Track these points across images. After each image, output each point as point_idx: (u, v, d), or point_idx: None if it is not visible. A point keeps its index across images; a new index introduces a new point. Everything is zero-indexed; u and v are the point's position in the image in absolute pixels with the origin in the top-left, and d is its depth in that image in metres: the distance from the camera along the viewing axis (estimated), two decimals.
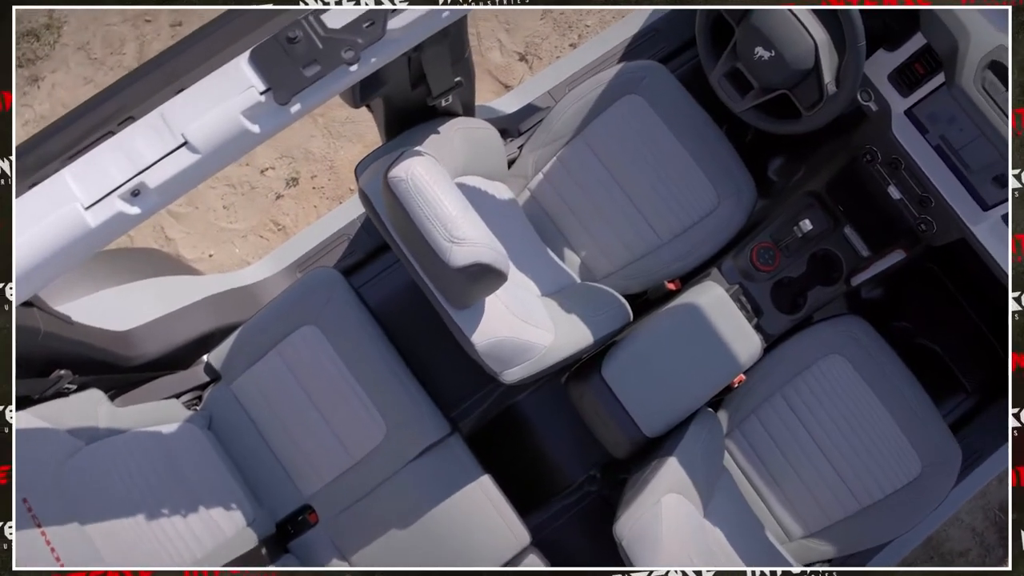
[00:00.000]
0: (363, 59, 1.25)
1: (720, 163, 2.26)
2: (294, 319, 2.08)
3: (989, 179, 1.94)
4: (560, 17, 3.17)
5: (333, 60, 1.22)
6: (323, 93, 1.26)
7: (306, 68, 1.22)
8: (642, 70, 2.28)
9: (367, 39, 1.24)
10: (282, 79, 1.22)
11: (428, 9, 1.28)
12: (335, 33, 1.23)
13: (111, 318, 1.96)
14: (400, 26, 1.27)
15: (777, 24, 1.88)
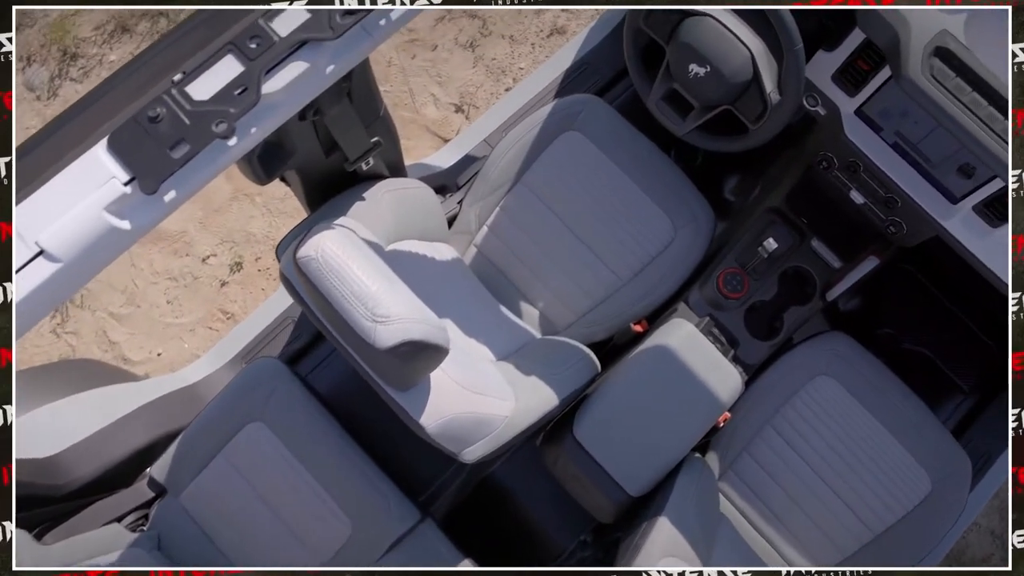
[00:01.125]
0: (240, 131, 1.08)
1: (672, 191, 2.10)
2: (237, 418, 1.89)
3: (953, 170, 1.79)
4: (492, 63, 3.03)
5: (203, 136, 1.05)
6: (200, 175, 1.09)
7: (173, 149, 1.05)
8: (576, 104, 2.13)
9: (241, 107, 1.07)
10: (147, 165, 1.04)
11: (307, 66, 1.11)
12: (202, 105, 1.06)
13: (38, 442, 1.76)
14: (278, 88, 1.10)
15: (708, 38, 1.73)
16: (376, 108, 1.66)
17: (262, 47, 1.08)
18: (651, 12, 1.80)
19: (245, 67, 1.08)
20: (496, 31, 3.07)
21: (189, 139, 1.05)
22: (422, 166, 2.30)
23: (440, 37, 3.06)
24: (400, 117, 2.98)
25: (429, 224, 1.93)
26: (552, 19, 3.08)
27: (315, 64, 1.12)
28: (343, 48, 1.15)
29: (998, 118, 1.63)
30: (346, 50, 1.15)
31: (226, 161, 1.11)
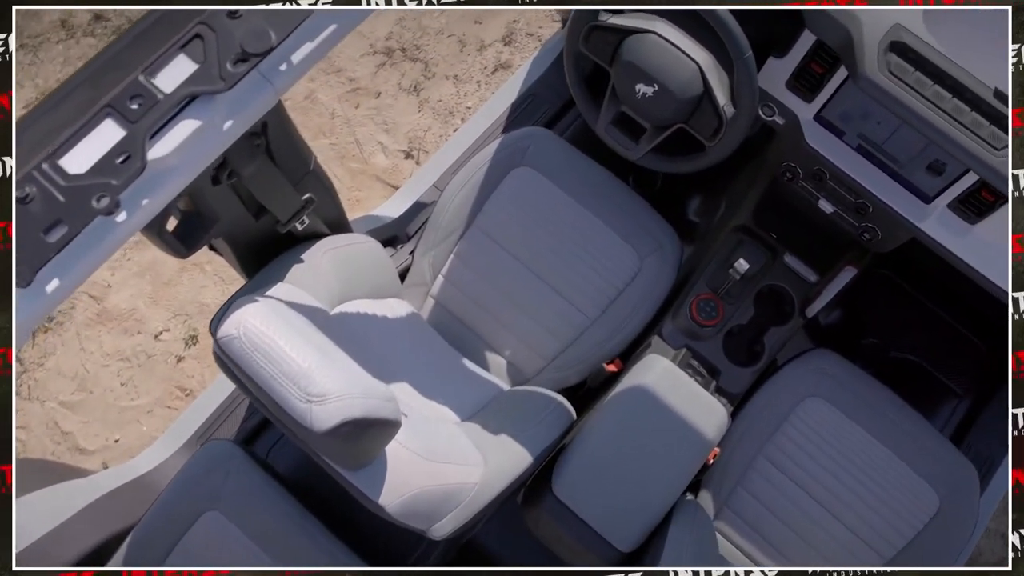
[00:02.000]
0: (128, 204, 0.94)
1: (633, 219, 1.97)
2: (191, 509, 1.71)
3: (922, 169, 1.67)
4: (439, 105, 2.91)
5: (83, 215, 0.91)
6: (86, 259, 0.94)
7: (48, 232, 0.90)
8: (524, 139, 2.00)
9: (124, 178, 0.92)
10: (18, 253, 0.89)
11: (199, 124, 0.97)
12: (79, 179, 0.92)
13: None
14: (168, 152, 0.96)
15: (652, 55, 1.61)
16: (304, 162, 1.52)
17: (144, 107, 0.94)
18: (590, 34, 1.68)
19: (127, 131, 0.94)
20: (439, 72, 2.95)
21: (66, 219, 0.90)
22: (370, 218, 2.16)
23: (383, 84, 2.94)
24: (349, 169, 2.85)
25: (378, 280, 1.79)
26: (496, 55, 2.97)
27: (209, 121, 0.98)
28: (240, 100, 1.01)
29: (964, 110, 1.51)
30: (244, 102, 1.01)
31: (116, 240, 0.96)
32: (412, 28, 3.00)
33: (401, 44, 2.98)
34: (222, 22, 0.97)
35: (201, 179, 1.16)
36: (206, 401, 2.08)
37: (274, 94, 1.04)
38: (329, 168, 2.82)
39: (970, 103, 1.51)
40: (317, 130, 2.88)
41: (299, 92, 2.90)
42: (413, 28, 3.00)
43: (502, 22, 3.02)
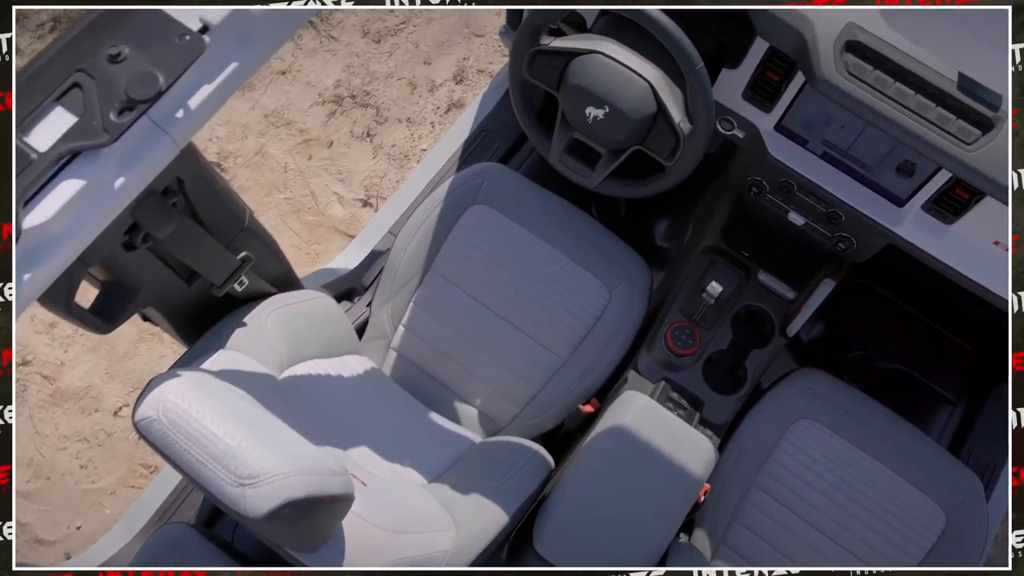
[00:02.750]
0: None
1: (598, 250, 1.85)
2: None
3: (892, 171, 1.57)
4: (393, 150, 2.81)
5: None
6: None
7: None
8: (476, 176, 1.89)
9: None
10: None
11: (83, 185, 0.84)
12: None
13: None
14: (48, 218, 0.83)
15: (600, 76, 1.51)
16: (237, 219, 1.40)
17: (17, 168, 0.82)
18: (533, 59, 1.58)
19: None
20: (391, 116, 2.85)
21: None
22: (324, 272, 2.03)
23: (334, 132, 2.83)
24: (306, 222, 2.72)
25: (332, 337, 1.66)
26: (448, 95, 2.88)
27: (95, 180, 0.86)
28: (131, 154, 0.89)
29: (929, 106, 1.42)
30: (136, 156, 0.89)
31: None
32: (360, 74, 2.91)
33: (350, 91, 2.88)
34: (102, 67, 0.85)
35: (107, 245, 1.04)
36: (164, 480, 1.93)
37: (172, 145, 0.92)
38: (285, 223, 2.70)
39: (934, 98, 1.42)
40: (271, 185, 2.76)
41: (249, 148, 2.79)
42: (361, 74, 2.91)
43: (452, 61, 2.93)
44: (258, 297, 1.54)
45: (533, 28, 1.56)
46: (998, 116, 1.40)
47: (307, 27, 2.97)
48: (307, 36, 2.96)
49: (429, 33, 2.98)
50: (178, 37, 0.88)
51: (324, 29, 2.97)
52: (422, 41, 2.97)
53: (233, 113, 2.83)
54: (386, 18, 3.00)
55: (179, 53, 0.87)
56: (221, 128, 2.81)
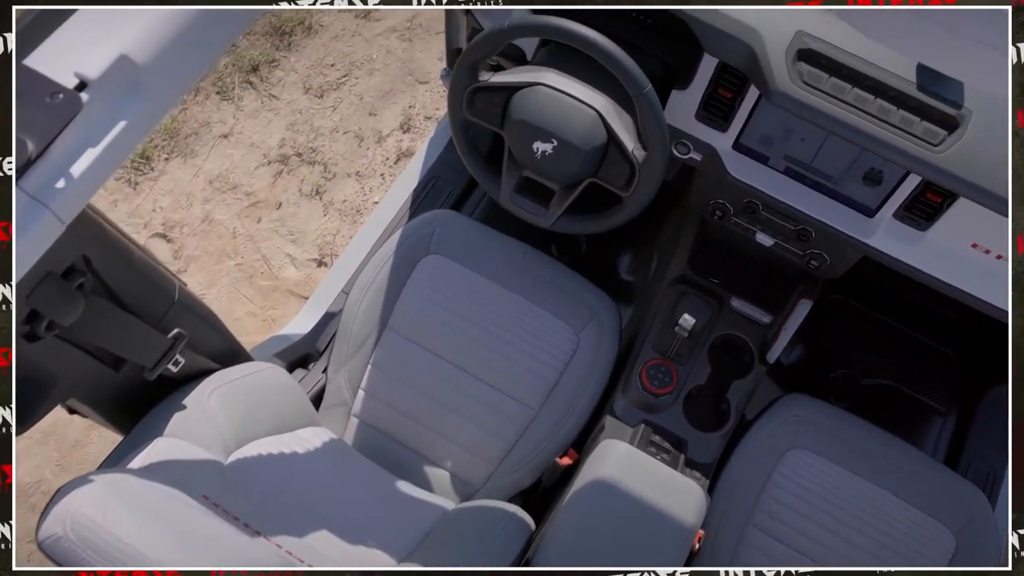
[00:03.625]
0: None
1: (560, 291, 1.74)
2: None
3: (858, 181, 1.49)
4: (344, 206, 2.69)
5: None
6: None
7: None
8: (425, 225, 1.78)
9: None
10: None
11: None
12: None
13: None
14: None
15: (545, 108, 1.41)
16: (164, 294, 1.27)
17: None
18: (473, 97, 1.48)
19: None
20: (340, 171, 2.74)
21: None
22: (276, 340, 1.90)
23: (282, 193, 2.71)
24: (259, 288, 2.59)
25: (285, 410, 1.52)
26: (396, 145, 2.78)
27: None
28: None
29: (890, 109, 1.33)
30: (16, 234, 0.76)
31: None
32: (305, 131, 2.80)
33: (296, 149, 2.77)
34: None
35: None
36: None
37: (54, 220, 0.79)
38: (238, 290, 2.57)
39: (895, 101, 1.34)
40: (220, 252, 2.63)
41: (195, 215, 2.66)
42: (306, 131, 2.80)
43: (397, 110, 2.84)
44: (199, 375, 1.41)
45: (470, 65, 1.46)
46: (962, 114, 1.32)
47: (247, 88, 2.87)
48: (248, 97, 2.85)
49: (372, 84, 2.89)
50: (49, 96, 0.76)
51: (264, 88, 2.87)
52: (366, 93, 2.87)
53: (176, 181, 2.71)
54: (327, 72, 2.91)
55: (51, 115, 0.75)
56: (164, 198, 2.68)
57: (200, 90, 2.85)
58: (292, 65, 2.92)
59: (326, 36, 2.98)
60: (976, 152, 1.31)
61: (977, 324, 2.16)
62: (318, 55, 2.94)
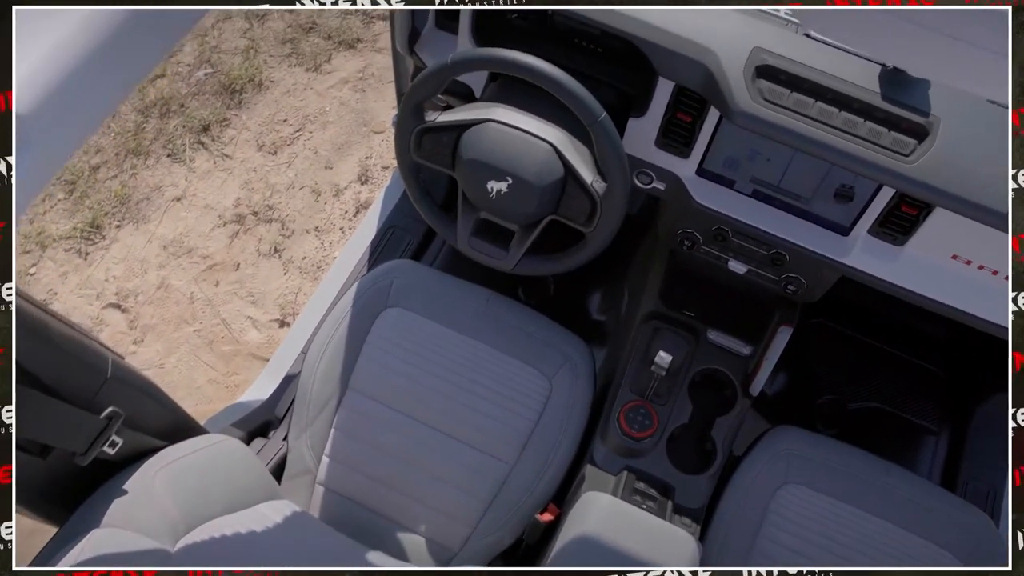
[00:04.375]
0: None
1: (529, 337, 1.64)
2: None
3: (829, 199, 1.41)
4: (304, 263, 2.58)
5: None
6: None
7: None
8: (384, 276, 1.68)
9: None
10: None
11: None
12: None
13: None
14: None
15: (496, 145, 1.33)
16: (95, 371, 1.15)
17: None
18: (421, 139, 1.39)
19: None
20: (298, 228, 2.64)
21: None
22: (234, 408, 1.78)
23: (239, 253, 2.60)
24: (221, 353, 2.47)
25: (241, 485, 1.40)
26: (354, 197, 2.69)
27: None
28: None
29: (857, 122, 1.26)
30: None
31: None
32: (260, 189, 2.70)
33: (252, 208, 2.67)
34: None
35: None
36: None
37: None
38: (198, 357, 2.44)
39: (861, 113, 1.26)
40: (178, 319, 2.51)
41: (150, 283, 2.54)
42: (261, 189, 2.70)
43: (353, 161, 2.75)
44: (143, 455, 1.29)
45: (414, 105, 1.37)
46: (930, 122, 1.25)
47: (199, 148, 2.77)
48: (200, 158, 2.76)
49: (327, 137, 2.81)
50: None
51: (216, 148, 2.77)
52: (320, 146, 2.79)
53: (129, 249, 2.59)
54: (280, 128, 2.82)
55: None
56: (117, 267, 2.56)
57: (150, 154, 2.75)
58: (244, 123, 2.83)
59: (277, 92, 2.90)
60: (948, 160, 1.24)
61: (961, 338, 2.09)
62: (270, 111, 2.86)
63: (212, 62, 2.95)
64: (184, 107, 2.84)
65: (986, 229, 1.27)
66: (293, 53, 2.98)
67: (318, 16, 3.06)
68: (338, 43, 3.00)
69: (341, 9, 3.01)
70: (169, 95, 2.85)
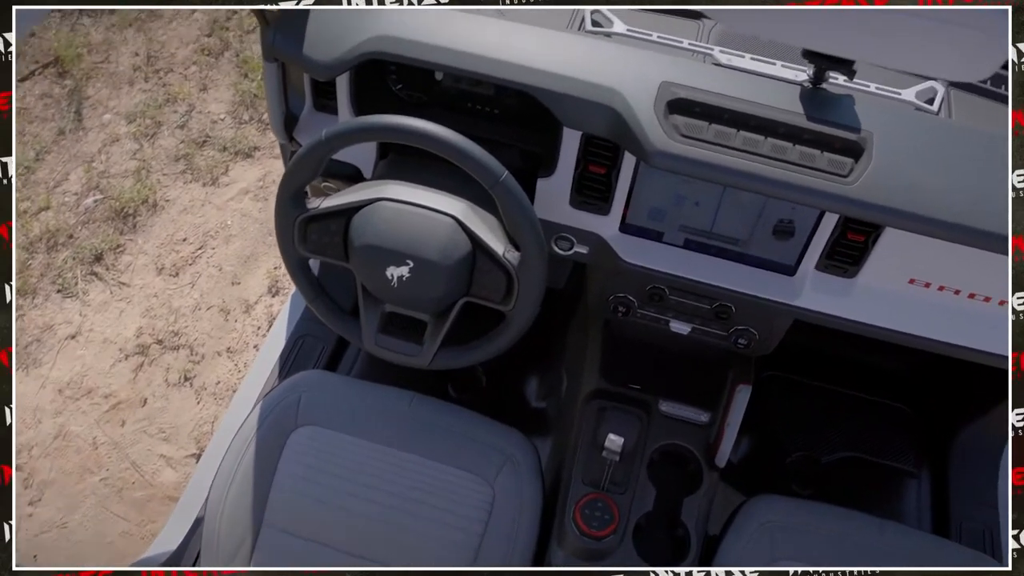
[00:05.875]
0: None
1: (463, 438, 1.42)
2: None
3: (769, 238, 1.25)
4: (219, 388, 2.33)
5: None
6: None
7: None
8: (290, 392, 1.45)
9: None
10: None
11: None
12: None
13: None
14: None
15: (390, 225, 1.15)
16: None
17: None
18: (306, 231, 1.20)
19: None
20: (208, 351, 2.39)
21: None
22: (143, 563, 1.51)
23: (145, 387, 2.34)
24: (133, 500, 2.17)
25: None
26: (266, 311, 2.47)
27: None
28: None
29: (786, 147, 1.12)
30: None
31: None
32: (163, 315, 2.46)
33: (156, 336, 2.42)
34: None
35: None
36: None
37: None
38: (107, 508, 2.15)
39: (789, 137, 1.12)
40: (81, 470, 2.21)
41: (46, 433, 2.25)
42: (164, 315, 2.46)
43: (262, 274, 2.54)
44: None
45: (292, 193, 1.18)
46: (863, 137, 1.12)
47: (92, 280, 2.53)
48: (94, 290, 2.51)
49: (231, 251, 2.59)
50: None
51: (112, 277, 2.53)
52: (225, 262, 2.57)
53: (20, 397, 2.31)
54: (180, 248, 2.60)
55: None
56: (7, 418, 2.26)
57: (38, 291, 2.49)
58: (140, 247, 2.60)
59: (174, 210, 2.69)
60: (889, 175, 1.10)
61: (924, 368, 1.95)
62: (168, 232, 2.64)
63: (101, 187, 2.73)
64: (73, 238, 2.61)
65: (939, 246, 1.13)
66: (188, 169, 2.79)
67: (211, 129, 2.88)
68: (234, 153, 2.82)
69: None
70: (56, 227, 2.62)
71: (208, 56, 3.08)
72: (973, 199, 1.10)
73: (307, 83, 1.35)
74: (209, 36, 3.15)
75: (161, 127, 2.89)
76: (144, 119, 2.89)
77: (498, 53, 1.18)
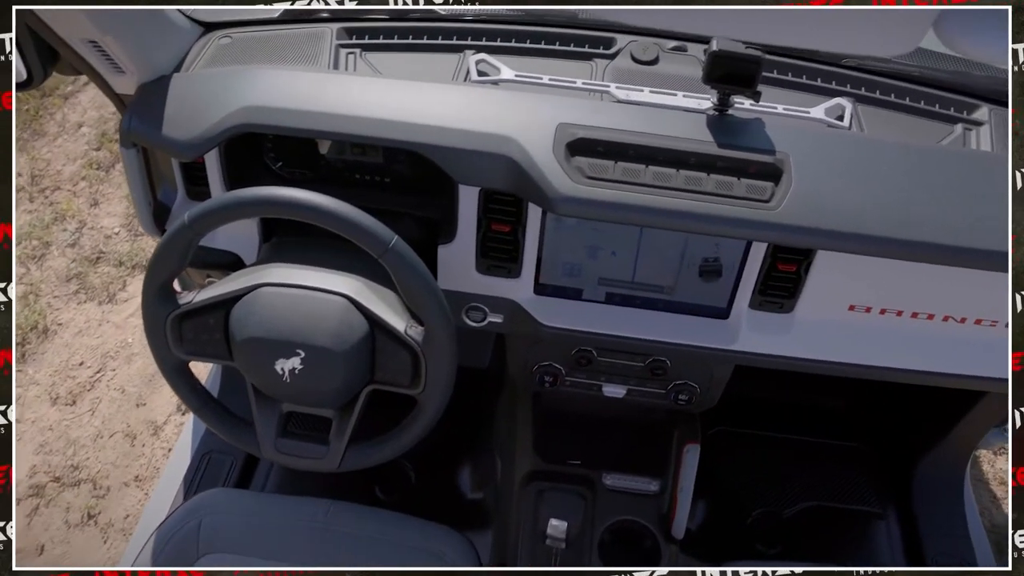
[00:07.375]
0: None
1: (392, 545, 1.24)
2: None
3: (696, 281, 1.14)
4: (127, 523, 2.09)
5: None
6: None
7: None
8: (188, 517, 1.25)
9: None
10: None
11: None
12: None
13: None
14: None
15: (274, 313, 1.00)
16: None
17: None
18: (180, 329, 1.04)
19: None
20: (114, 483, 2.16)
21: None
22: None
23: (42, 533, 2.08)
24: None
25: None
26: (176, 431, 2.25)
27: None
28: None
29: (700, 177, 1.02)
30: None
31: None
32: (60, 449, 2.21)
33: (52, 474, 2.17)
34: None
35: None
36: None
37: None
38: None
39: (702, 167, 1.03)
40: None
41: None
42: (61, 448, 2.21)
43: (169, 391, 2.31)
44: None
45: (158, 287, 1.02)
46: (780, 159, 1.03)
47: None
48: None
49: (133, 371, 2.38)
50: None
51: None
52: (127, 383, 2.35)
53: None
54: (76, 374, 2.38)
55: None
56: None
57: None
58: (31, 378, 2.37)
59: (68, 334, 2.47)
60: (813, 194, 1.01)
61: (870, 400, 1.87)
62: (62, 358, 2.41)
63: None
64: None
65: (874, 266, 1.04)
66: (81, 288, 2.58)
67: (105, 244, 2.69)
68: (132, 267, 2.63)
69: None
70: None
71: (98, 170, 2.91)
72: (899, 210, 1.01)
73: (176, 169, 1.20)
74: (98, 150, 2.99)
75: (50, 247, 2.68)
76: (30, 240, 2.68)
77: (378, 112, 1.06)
